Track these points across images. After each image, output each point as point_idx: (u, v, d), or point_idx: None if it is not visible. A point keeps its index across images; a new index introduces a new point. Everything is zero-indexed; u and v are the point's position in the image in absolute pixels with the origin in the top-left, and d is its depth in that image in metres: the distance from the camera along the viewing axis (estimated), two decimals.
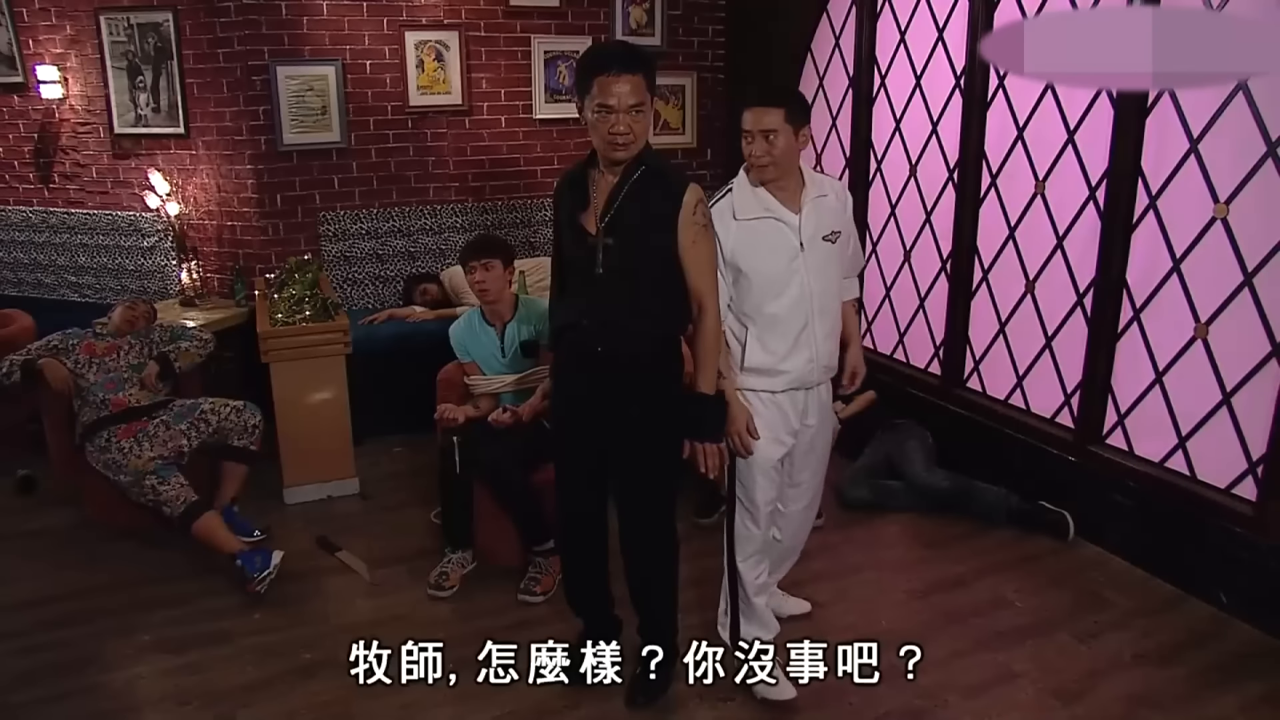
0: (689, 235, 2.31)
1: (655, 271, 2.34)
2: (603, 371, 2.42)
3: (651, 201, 2.30)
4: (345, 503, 3.93)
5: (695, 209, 2.31)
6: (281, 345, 3.76)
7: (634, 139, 2.26)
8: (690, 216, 2.30)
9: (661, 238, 2.31)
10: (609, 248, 2.32)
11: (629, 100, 2.22)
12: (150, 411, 3.52)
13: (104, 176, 4.94)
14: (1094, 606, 3.15)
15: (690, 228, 2.31)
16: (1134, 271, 3.35)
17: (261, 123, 4.60)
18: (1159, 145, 3.20)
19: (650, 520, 2.56)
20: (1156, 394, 3.32)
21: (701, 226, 2.33)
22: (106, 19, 4.63)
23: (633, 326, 2.38)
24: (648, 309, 2.37)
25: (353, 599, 3.22)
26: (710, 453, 2.42)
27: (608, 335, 2.39)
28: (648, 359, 2.41)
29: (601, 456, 2.52)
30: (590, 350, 2.41)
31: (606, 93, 2.21)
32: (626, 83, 2.21)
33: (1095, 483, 3.51)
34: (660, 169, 2.35)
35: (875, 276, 4.62)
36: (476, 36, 4.87)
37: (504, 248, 3.36)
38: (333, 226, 4.85)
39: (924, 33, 4.15)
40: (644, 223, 2.31)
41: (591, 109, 2.24)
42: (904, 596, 3.23)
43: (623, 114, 2.22)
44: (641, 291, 2.35)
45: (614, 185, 2.32)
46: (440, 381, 3.58)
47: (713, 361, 2.40)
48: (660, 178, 2.33)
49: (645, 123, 2.29)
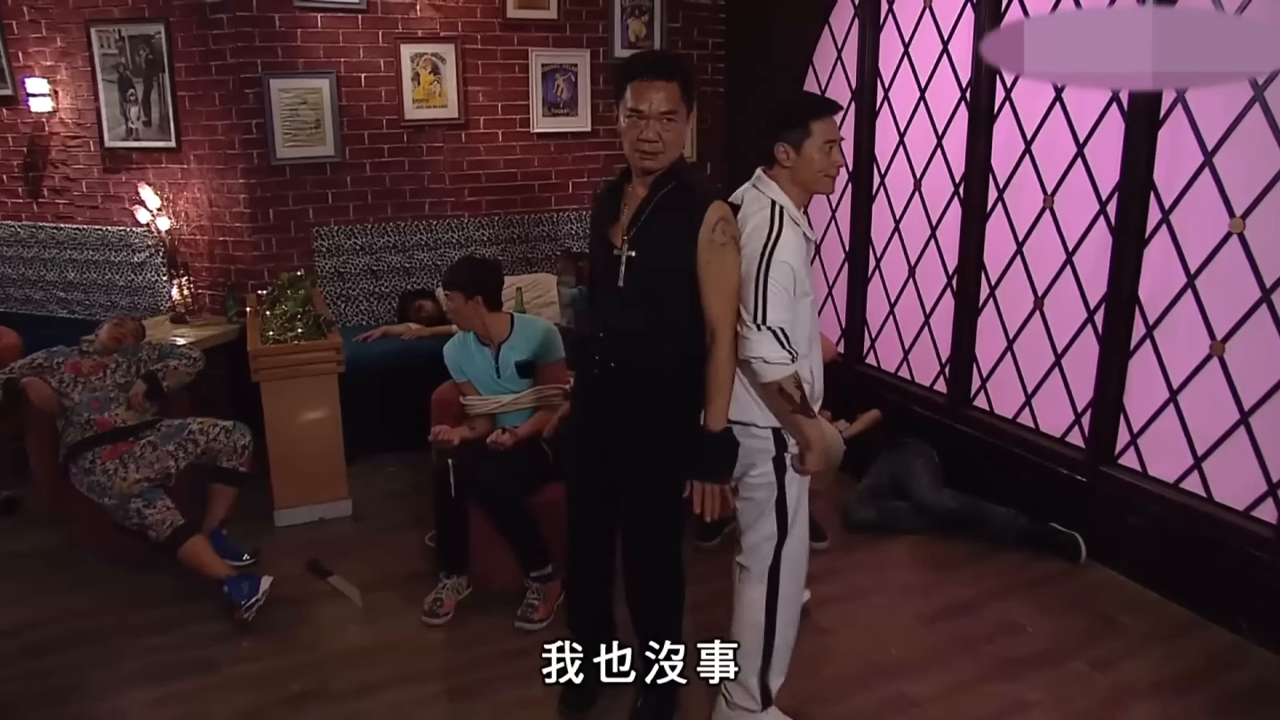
0: (705, 254, 2.20)
1: (677, 289, 2.25)
2: (616, 388, 2.34)
3: (676, 217, 2.22)
4: (337, 525, 3.83)
5: (716, 227, 2.20)
6: (272, 364, 3.66)
7: (663, 148, 2.19)
8: (709, 234, 2.19)
9: (683, 255, 2.22)
10: (631, 261, 2.26)
11: (660, 107, 2.16)
12: (137, 432, 3.42)
13: (94, 191, 4.86)
14: (1108, 632, 3.05)
15: (708, 246, 2.20)
16: (1146, 287, 3.27)
17: (254, 136, 4.53)
18: (1172, 158, 3.13)
19: (653, 548, 2.46)
20: (1171, 413, 3.23)
21: (721, 246, 2.20)
22: (97, 31, 4.56)
23: (650, 344, 2.29)
24: (667, 327, 2.27)
25: (344, 626, 3.12)
26: (711, 495, 2.30)
27: (623, 350, 2.32)
28: (664, 379, 2.30)
29: (613, 476, 2.42)
30: (604, 365, 2.34)
31: (639, 98, 2.16)
32: (660, 89, 2.15)
33: (1107, 504, 3.43)
34: (690, 184, 2.27)
35: (879, 293, 4.54)
36: (473, 49, 4.81)
37: (468, 280, 3.21)
38: (326, 242, 4.78)
39: (928, 44, 4.09)
40: (667, 238, 2.23)
41: (624, 114, 2.20)
42: (912, 621, 3.13)
43: (653, 120, 2.16)
44: (662, 308, 2.27)
45: (643, 198, 2.26)
46: (435, 402, 3.49)
47: (723, 395, 2.25)
48: (687, 193, 2.25)
49: (678, 133, 2.21)
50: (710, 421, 2.26)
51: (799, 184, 2.35)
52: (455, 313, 3.32)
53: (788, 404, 2.25)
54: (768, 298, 2.20)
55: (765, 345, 2.20)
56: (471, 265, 3.43)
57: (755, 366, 2.23)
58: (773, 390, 2.25)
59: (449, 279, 3.29)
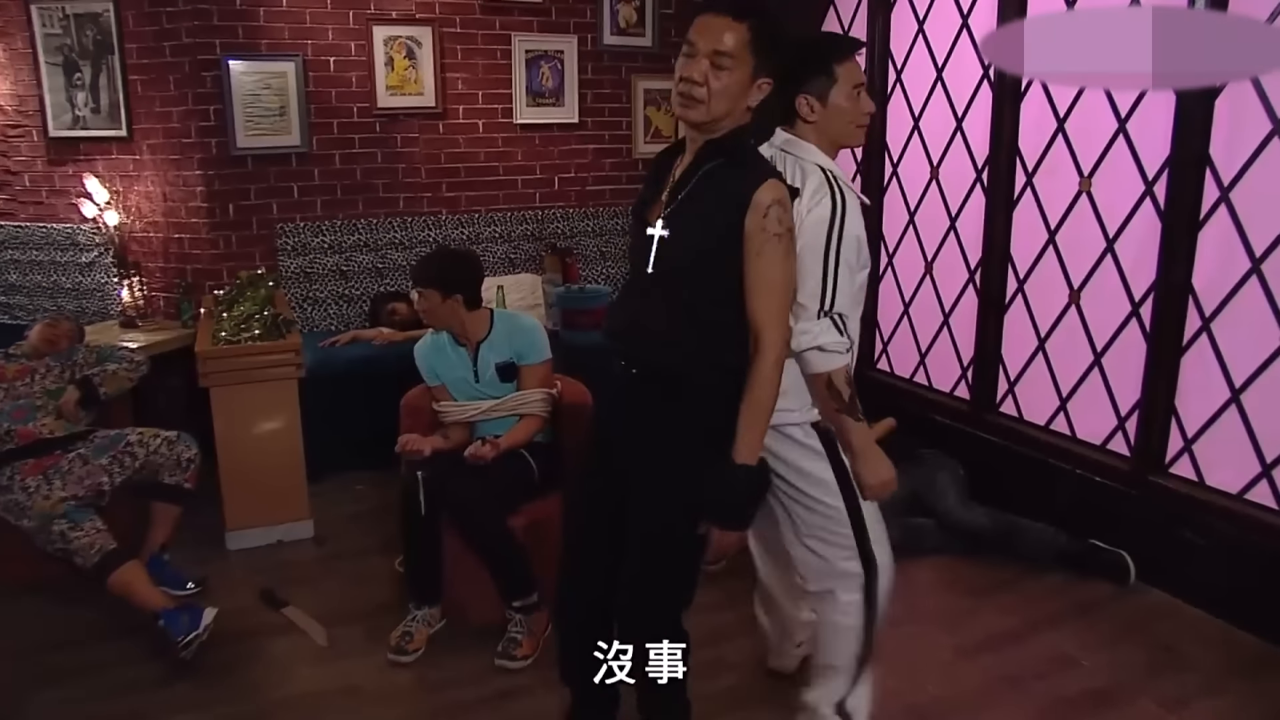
0: (754, 244, 1.80)
1: (714, 281, 1.85)
2: (636, 396, 1.97)
3: (721, 194, 1.83)
4: (297, 549, 3.43)
5: (768, 212, 1.79)
6: (223, 367, 3.27)
7: (708, 97, 1.80)
8: (760, 220, 1.79)
9: (723, 241, 1.83)
10: (664, 242, 1.88)
11: (713, 44, 1.77)
12: (65, 444, 3.02)
13: (37, 185, 4.47)
14: (1174, 665, 2.69)
15: (757, 235, 1.80)
16: (1201, 275, 2.94)
17: (212, 124, 4.16)
18: (1232, 129, 2.81)
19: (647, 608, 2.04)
20: (1232, 415, 2.89)
21: (775, 237, 1.80)
22: (39, 9, 4.17)
23: (675, 345, 1.89)
24: (700, 327, 1.87)
25: (297, 666, 2.72)
26: (727, 542, 1.91)
27: (645, 352, 1.94)
28: (688, 388, 1.89)
29: (621, 496, 2.02)
30: (618, 365, 1.98)
31: (696, 30, 1.80)
32: (723, 25, 1.77)
33: (1158, 518, 3.07)
34: (743, 155, 1.88)
35: (893, 293, 4.20)
36: (452, 33, 4.47)
37: (445, 276, 2.87)
38: (291, 239, 4.40)
39: (945, 21, 3.77)
40: (706, 218, 1.85)
41: (683, 52, 1.83)
42: (951, 656, 2.75)
43: (702, 58, 1.78)
44: (696, 304, 1.87)
45: (687, 166, 1.89)
46: (404, 408, 3.11)
47: (761, 421, 1.84)
48: (738, 166, 1.85)
49: (731, 84, 1.80)
50: (741, 451, 1.84)
51: (826, 139, 2.06)
52: (429, 313, 2.95)
53: (834, 401, 1.93)
54: (838, 282, 1.91)
55: (825, 333, 1.90)
56: (447, 258, 3.06)
57: (808, 356, 1.91)
58: (820, 384, 1.93)
59: (421, 274, 2.93)
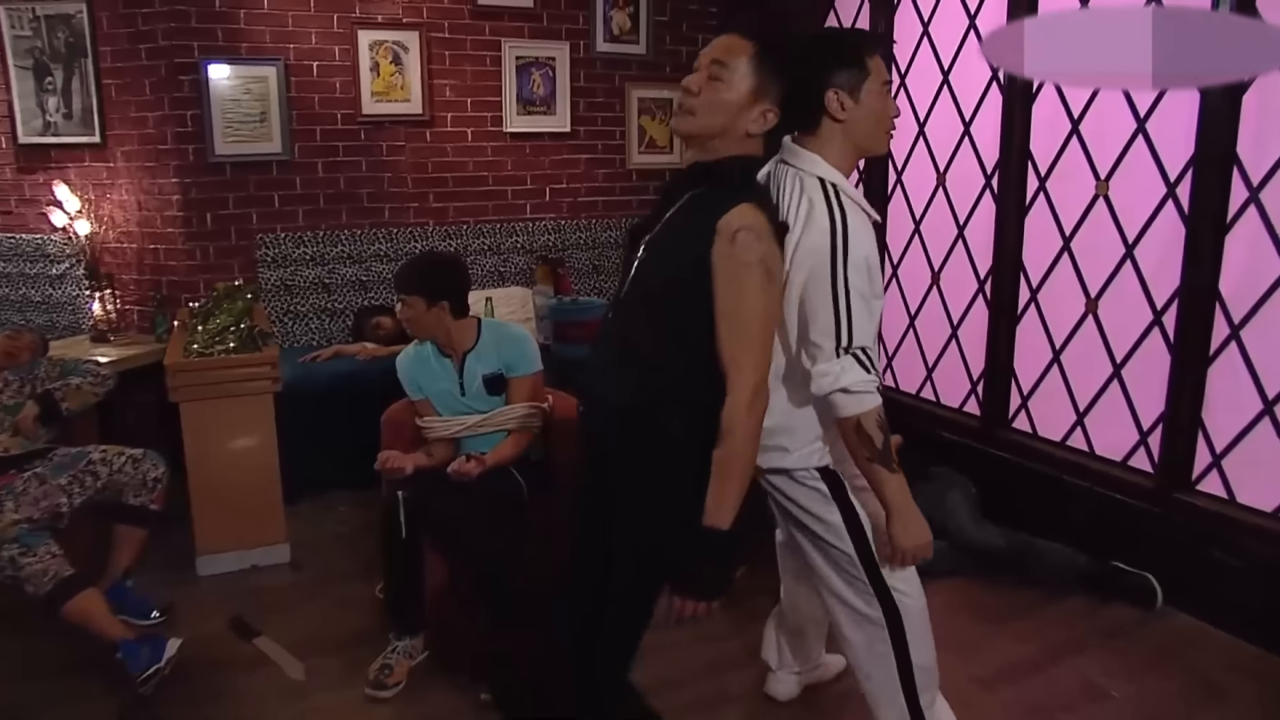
0: (721, 272, 1.64)
1: (681, 312, 1.69)
2: (591, 430, 1.84)
3: (698, 219, 1.68)
4: (272, 574, 3.23)
5: (735, 237, 1.62)
6: (194, 381, 3.08)
7: (695, 110, 1.70)
8: (726, 248, 1.63)
9: (696, 270, 1.66)
10: (640, 266, 1.75)
11: (714, 54, 1.70)
12: (21, 462, 2.81)
13: (6, 194, 4.28)
14: (1211, 696, 2.51)
15: (724, 263, 1.63)
16: (1229, 280, 2.79)
17: (190, 130, 4.00)
18: (1260, 125, 2.67)
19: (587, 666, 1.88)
20: (1266, 428, 2.72)
21: (744, 264, 1.62)
22: (7, 10, 4.01)
23: (633, 377, 1.73)
24: (662, 358, 1.72)
25: (267, 702, 2.51)
26: (690, 611, 1.70)
27: (602, 381, 1.79)
28: (648, 430, 1.71)
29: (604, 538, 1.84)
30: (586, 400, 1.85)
31: (705, 47, 1.75)
32: (730, 40, 1.71)
33: (1185, 538, 2.90)
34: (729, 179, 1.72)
35: (898, 305, 4.04)
36: (440, 38, 4.33)
37: (430, 282, 2.70)
38: (272, 251, 4.22)
39: (951, 22, 3.64)
40: (678, 245, 1.71)
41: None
42: (970, 687, 2.56)
43: (702, 70, 1.70)
44: (660, 334, 1.71)
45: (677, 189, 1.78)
46: (385, 423, 2.92)
47: (732, 473, 1.63)
48: (721, 191, 1.70)
49: (725, 97, 1.68)
50: (710, 512, 1.64)
51: (852, 144, 1.86)
52: (413, 322, 2.77)
53: (865, 449, 1.74)
54: (852, 315, 1.72)
55: (848, 373, 1.71)
56: (432, 264, 2.89)
57: (834, 400, 1.73)
58: (849, 429, 1.74)
59: (405, 281, 2.75)
